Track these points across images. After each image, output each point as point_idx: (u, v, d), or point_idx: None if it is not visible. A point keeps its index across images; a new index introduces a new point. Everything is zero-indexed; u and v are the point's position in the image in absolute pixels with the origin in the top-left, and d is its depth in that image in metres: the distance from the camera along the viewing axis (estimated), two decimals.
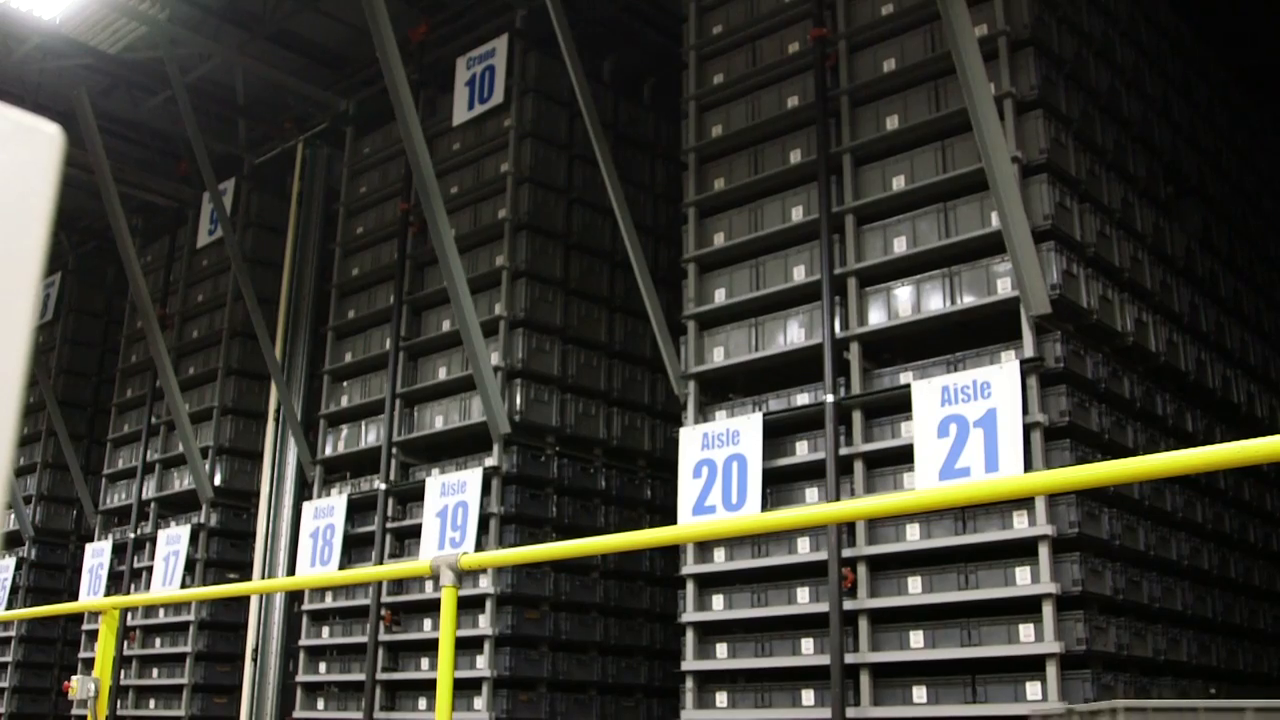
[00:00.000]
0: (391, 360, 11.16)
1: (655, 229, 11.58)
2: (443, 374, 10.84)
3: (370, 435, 11.40)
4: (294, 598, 12.25)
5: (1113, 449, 7.62)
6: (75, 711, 13.11)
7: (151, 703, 13.26)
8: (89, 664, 12.94)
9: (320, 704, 11.01)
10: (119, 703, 13.27)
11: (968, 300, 7.66)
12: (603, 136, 9.61)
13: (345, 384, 11.94)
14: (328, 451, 11.84)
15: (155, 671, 13.32)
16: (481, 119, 11.26)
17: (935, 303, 7.81)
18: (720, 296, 8.87)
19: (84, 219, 17.27)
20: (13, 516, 17.09)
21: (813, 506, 7.81)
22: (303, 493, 12.36)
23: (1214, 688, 8.57)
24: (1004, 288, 7.48)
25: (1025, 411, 7.03)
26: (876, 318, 8.05)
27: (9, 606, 16.05)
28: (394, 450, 10.95)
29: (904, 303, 7.95)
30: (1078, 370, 7.42)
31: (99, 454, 16.29)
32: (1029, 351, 7.21)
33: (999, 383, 7.10)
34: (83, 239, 17.70)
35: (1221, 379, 9.71)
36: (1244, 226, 11.13)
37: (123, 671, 13.40)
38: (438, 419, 10.75)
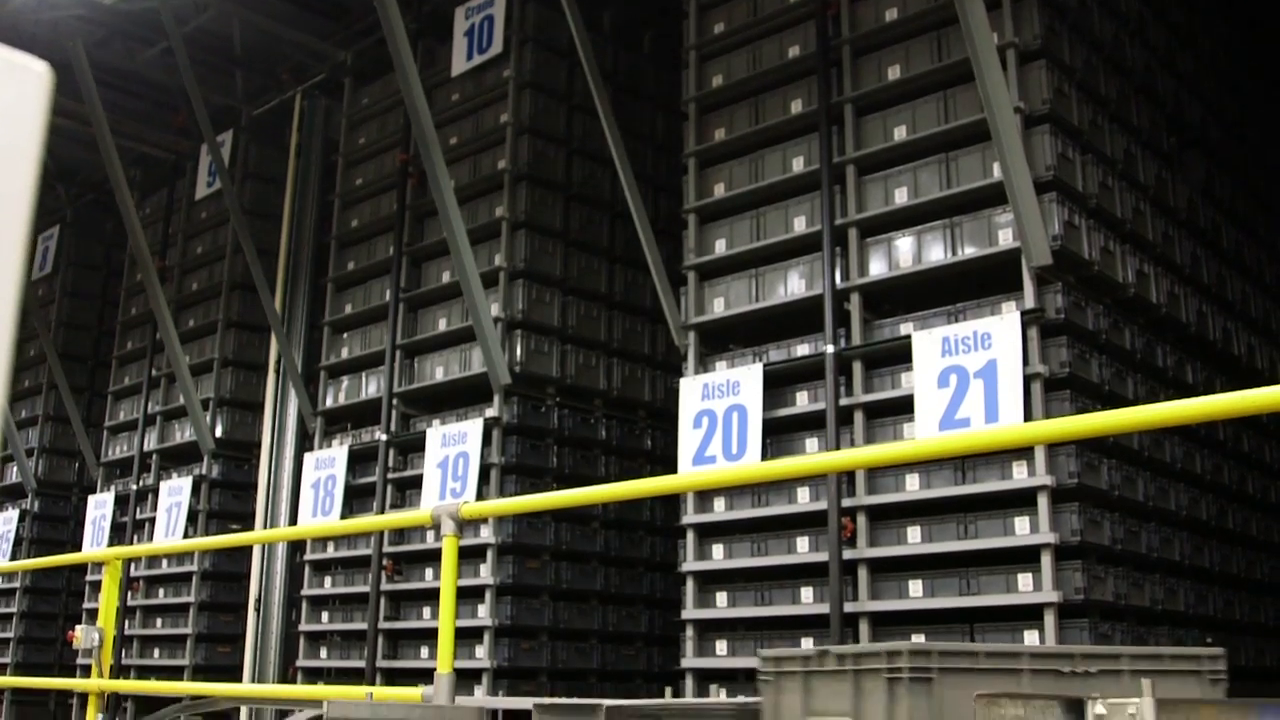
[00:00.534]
0: (391, 311, 11.16)
1: (655, 180, 11.54)
2: (443, 325, 10.84)
3: (371, 386, 11.41)
4: (296, 548, 12.31)
5: (1113, 400, 7.62)
6: (80, 661, 13.18)
7: (156, 652, 13.35)
8: (93, 614, 13.03)
9: (323, 653, 11.08)
10: (123, 652, 13.37)
11: (969, 251, 7.64)
12: (602, 87, 9.56)
13: (345, 335, 11.94)
14: (328, 403, 11.86)
15: (159, 621, 13.41)
16: (481, 69, 11.20)
17: (936, 253, 7.79)
18: (721, 247, 8.85)
19: (81, 171, 17.21)
20: (15, 469, 17.16)
21: (813, 455, 7.83)
22: (304, 444, 12.38)
23: (1210, 637, 8.62)
24: (1005, 239, 7.45)
25: (1025, 362, 7.03)
26: (877, 268, 8.04)
27: (13, 558, 16.14)
28: (394, 401, 10.97)
29: (905, 253, 7.93)
30: (1078, 321, 7.42)
31: (100, 406, 16.32)
32: (1030, 302, 7.20)
33: (999, 334, 7.10)
34: (80, 192, 17.64)
35: (1222, 331, 9.70)
36: (1247, 178, 11.08)
37: (127, 621, 13.50)
38: (438, 370, 10.76)
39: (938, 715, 3.35)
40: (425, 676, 6.30)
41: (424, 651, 9.95)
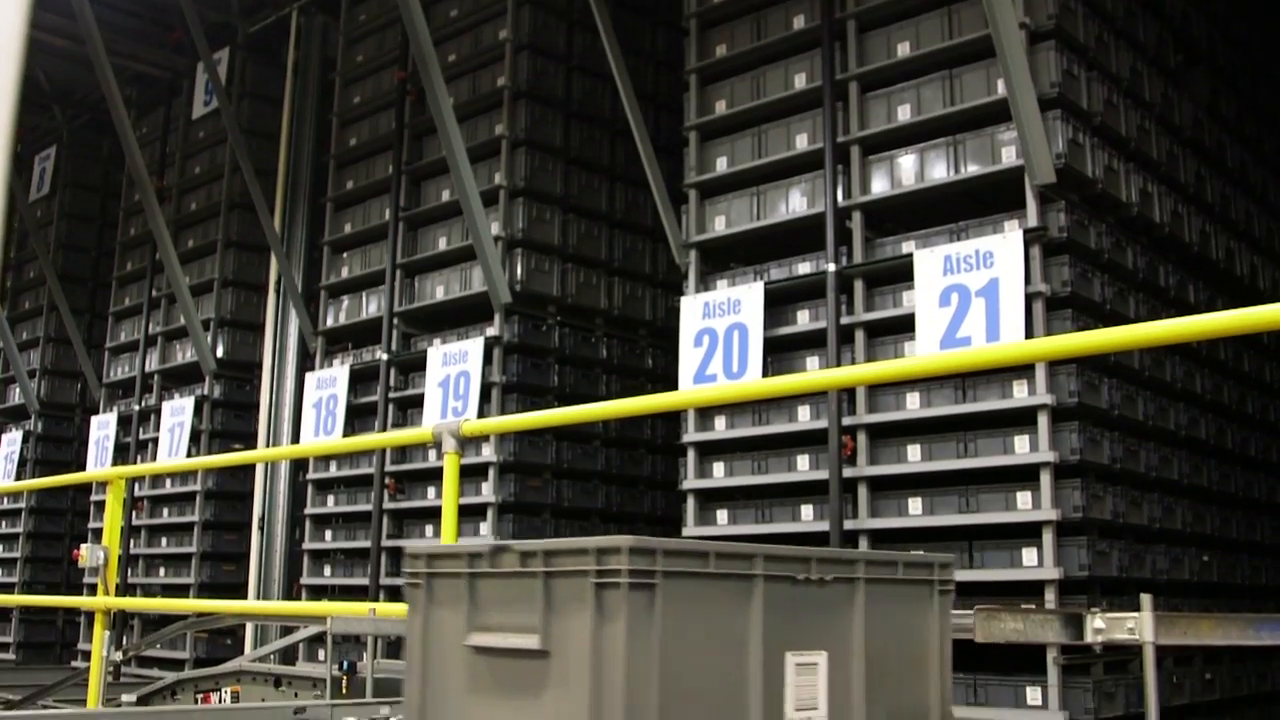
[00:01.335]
0: (391, 231, 11.11)
1: (656, 97, 11.44)
2: (443, 244, 10.80)
3: (371, 306, 11.40)
4: (299, 467, 12.37)
5: (1114, 320, 7.61)
6: (86, 580, 13.32)
7: (161, 571, 13.47)
8: (98, 534, 13.11)
9: (327, 570, 11.18)
10: (129, 571, 13.49)
11: (972, 169, 7.59)
12: (602, 2, 9.45)
13: (345, 255, 11.90)
14: (329, 323, 11.86)
15: (164, 540, 13.50)
16: None
17: (939, 171, 7.74)
18: (722, 165, 8.79)
19: (77, 92, 17.06)
20: (18, 390, 17.20)
21: (814, 372, 7.83)
22: (305, 364, 12.40)
23: (1207, 555, 8.69)
24: (1009, 156, 7.40)
25: (1027, 281, 7.01)
26: (879, 186, 7.99)
27: (17, 478, 16.24)
28: (395, 321, 10.96)
29: (907, 171, 7.88)
30: (1081, 240, 7.39)
31: (101, 328, 16.31)
32: (1032, 221, 7.17)
33: (1001, 252, 7.07)
34: (76, 112, 17.49)
35: (1225, 251, 9.67)
36: (1253, 97, 10.98)
37: (132, 541, 13.59)
38: (438, 289, 10.74)
39: (663, 633, 2.69)
40: None
41: None
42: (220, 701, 7.20)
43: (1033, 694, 6.70)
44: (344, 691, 5.95)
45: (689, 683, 2.71)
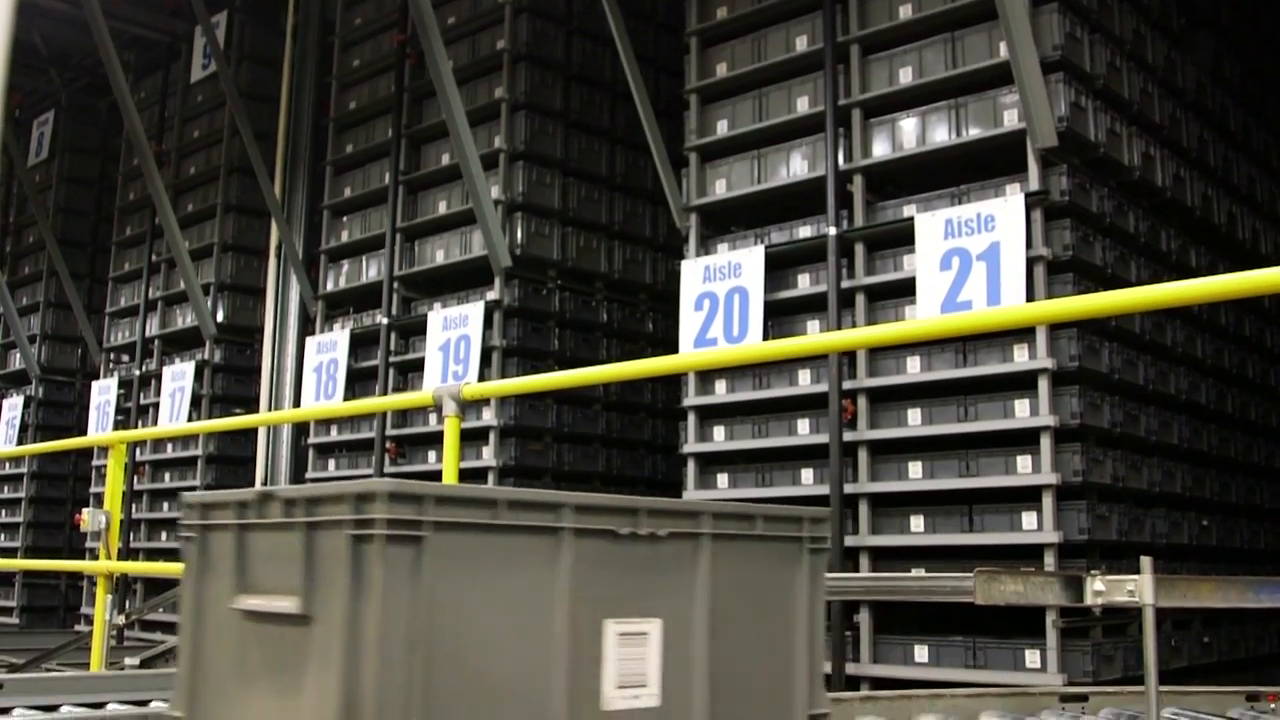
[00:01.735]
0: (391, 194, 11.08)
1: (657, 60, 11.38)
2: (443, 208, 10.78)
3: (371, 270, 11.39)
4: (300, 432, 12.37)
5: (1115, 284, 7.59)
6: (89, 544, 13.35)
7: (163, 535, 13.50)
8: (100, 498, 13.14)
9: None
10: (131, 535, 13.52)
11: (973, 132, 7.56)
12: None
13: (345, 219, 11.87)
14: (329, 287, 11.84)
15: (165, 505, 13.53)
16: None
17: (940, 134, 7.71)
18: (722, 128, 8.76)
19: (74, 55, 16.96)
20: (19, 355, 17.20)
21: (814, 335, 7.82)
22: (306, 328, 12.38)
23: (1206, 520, 8.71)
24: (1010, 119, 7.36)
25: (1029, 245, 6.99)
26: (880, 149, 7.96)
27: (19, 444, 16.26)
28: (395, 285, 10.95)
29: (909, 134, 7.85)
30: (1083, 204, 7.36)
31: (101, 292, 16.29)
32: (1034, 184, 7.14)
33: (1003, 216, 7.05)
34: (74, 76, 17.40)
35: (1227, 215, 9.64)
36: (1257, 60, 10.92)
37: (134, 506, 13.62)
38: (438, 253, 10.72)
39: (434, 598, 2.24)
40: None
41: None
42: None
43: (1031, 657, 6.73)
44: None
45: (474, 659, 2.28)
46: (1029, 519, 6.87)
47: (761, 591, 2.79)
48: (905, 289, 7.54)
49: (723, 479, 8.31)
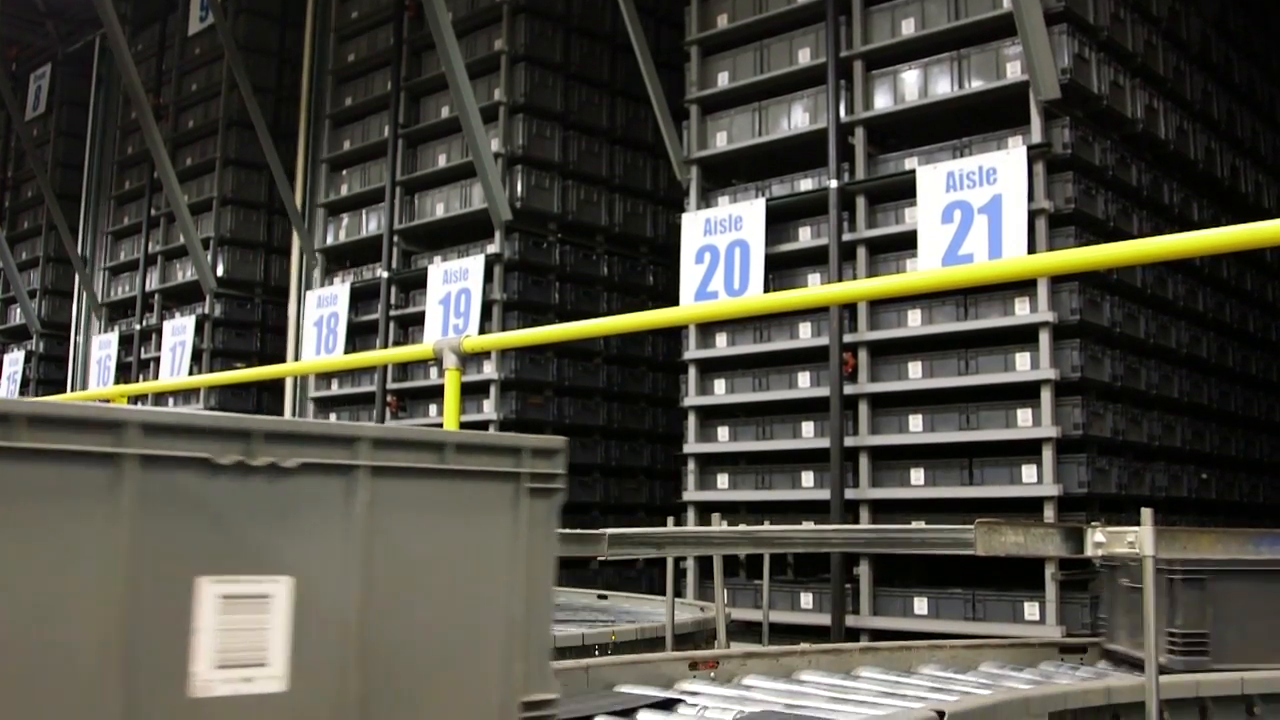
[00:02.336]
0: (390, 148, 11.04)
1: (657, 11, 11.28)
2: (442, 161, 10.73)
3: (371, 224, 11.36)
4: (302, 386, 12.37)
5: (1117, 237, 7.56)
6: None
7: None
8: None
9: None
10: None
11: (976, 84, 7.51)
12: None
13: (344, 172, 11.83)
14: (329, 241, 11.81)
15: None
16: None
17: (943, 86, 7.66)
18: (723, 80, 8.71)
19: (71, 8, 16.82)
20: (19, 310, 17.19)
21: (815, 287, 7.81)
22: (306, 282, 12.35)
23: (1205, 472, 8.73)
24: (1013, 71, 7.32)
25: (1031, 198, 6.97)
26: (882, 101, 7.92)
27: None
28: (395, 238, 10.93)
29: (911, 86, 7.80)
30: (1085, 156, 7.33)
31: (100, 247, 16.23)
32: (1036, 137, 7.11)
33: (1005, 168, 7.03)
34: (71, 29, 17.27)
35: (1230, 168, 9.60)
36: (1262, 13, 10.84)
37: None
38: (438, 206, 10.69)
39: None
40: None
41: None
42: None
43: (1030, 609, 6.76)
44: None
45: None
46: (1029, 472, 6.89)
47: (450, 544, 2.04)
48: (906, 242, 7.53)
49: (723, 432, 8.33)
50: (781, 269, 8.22)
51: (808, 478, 7.84)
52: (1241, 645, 3.60)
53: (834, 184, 7.82)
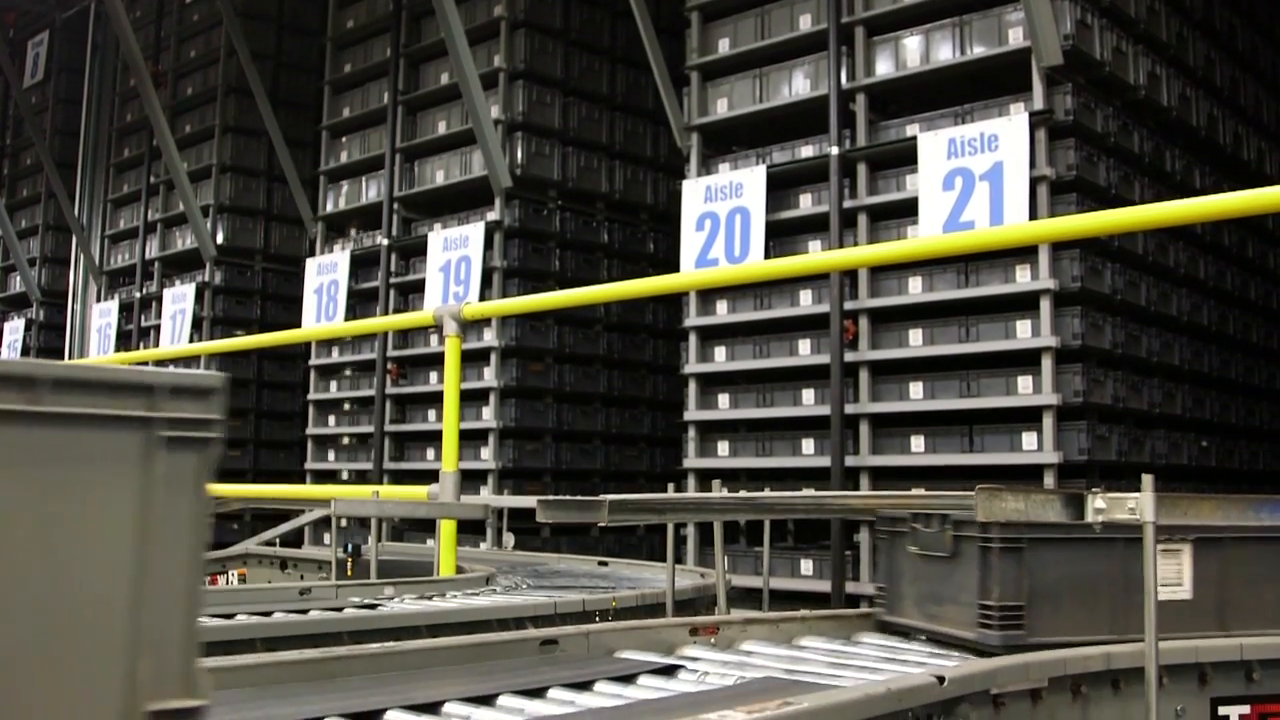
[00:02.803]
0: (390, 115, 11.00)
1: None
2: (442, 128, 10.70)
3: (371, 191, 11.33)
4: (303, 353, 12.39)
5: (1119, 205, 7.53)
6: None
7: None
8: None
9: (331, 455, 11.26)
10: None
11: (978, 50, 7.48)
12: None
13: (344, 139, 11.79)
14: (329, 208, 11.79)
15: None
16: None
17: (944, 53, 7.63)
18: (724, 46, 8.67)
19: None
20: (19, 279, 17.16)
21: (816, 254, 7.80)
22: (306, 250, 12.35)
23: (1206, 440, 8.73)
24: (1015, 38, 7.28)
25: (1032, 165, 6.95)
26: (884, 68, 7.88)
27: None
28: (395, 206, 10.90)
29: (912, 53, 7.77)
30: (1087, 123, 7.31)
31: (99, 214, 16.20)
32: (1038, 104, 7.08)
33: (1007, 135, 7.00)
34: None
35: (1233, 135, 9.56)
36: None
37: None
38: (438, 173, 10.66)
39: None
40: (432, 478, 6.40)
41: (430, 454, 10.11)
42: (228, 584, 7.29)
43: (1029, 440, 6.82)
44: (348, 573, 6.01)
45: None
46: (1029, 439, 6.89)
47: (43, 507, 1.50)
48: (907, 209, 7.51)
49: (724, 399, 8.34)
50: (782, 236, 8.20)
51: (808, 445, 7.85)
52: (1055, 619, 3.37)
53: (835, 151, 7.80)
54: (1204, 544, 3.49)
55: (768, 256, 8.01)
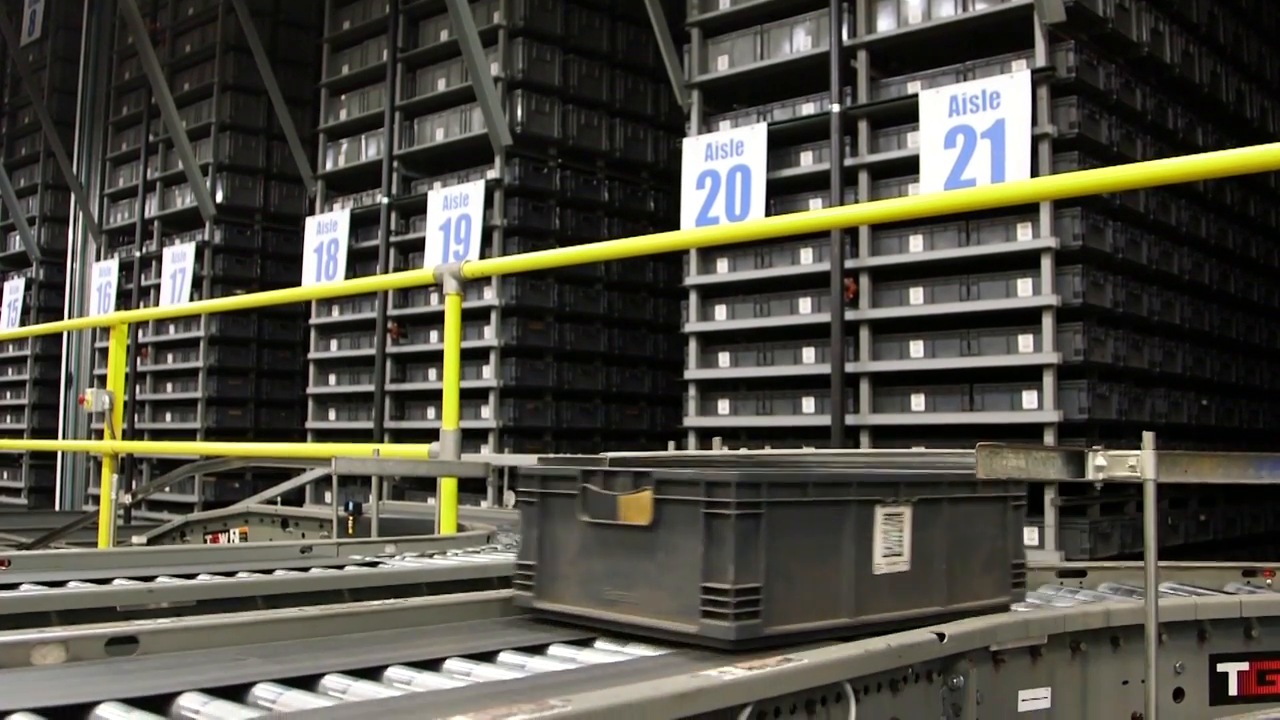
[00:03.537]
0: (390, 72, 10.94)
1: None
2: (442, 85, 10.65)
3: (370, 149, 11.29)
4: (303, 312, 12.38)
5: (1121, 162, 7.51)
6: (94, 425, 13.42)
7: (168, 416, 13.57)
8: (103, 379, 13.19)
9: (332, 414, 11.27)
10: (136, 416, 13.59)
11: (980, 7, 7.43)
12: None
13: (343, 97, 11.73)
14: (328, 166, 11.75)
15: (169, 386, 13.58)
16: None
17: (946, 9, 7.58)
18: (725, 3, 8.60)
19: None
20: (18, 238, 17.13)
21: (817, 211, 7.78)
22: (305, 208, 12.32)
23: (1206, 399, 8.74)
24: None
25: (1034, 123, 6.92)
26: (885, 24, 7.83)
27: (22, 326, 16.28)
28: (395, 164, 10.86)
29: (914, 9, 7.72)
30: (1089, 81, 7.27)
31: (98, 173, 16.15)
32: (1040, 61, 7.04)
33: (1008, 93, 6.97)
34: None
35: (1236, 93, 9.51)
36: None
37: (138, 387, 13.67)
38: (438, 131, 10.62)
39: None
40: (433, 437, 6.41)
41: (430, 413, 10.12)
42: (229, 542, 7.31)
43: (1029, 534, 6.79)
44: (349, 531, 6.03)
45: None
46: (1029, 398, 6.90)
47: None
48: (909, 167, 7.48)
49: (724, 358, 8.34)
50: (783, 194, 8.18)
51: (808, 403, 7.86)
52: (788, 603, 2.63)
53: (836, 108, 7.76)
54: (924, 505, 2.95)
55: (768, 214, 7.99)
